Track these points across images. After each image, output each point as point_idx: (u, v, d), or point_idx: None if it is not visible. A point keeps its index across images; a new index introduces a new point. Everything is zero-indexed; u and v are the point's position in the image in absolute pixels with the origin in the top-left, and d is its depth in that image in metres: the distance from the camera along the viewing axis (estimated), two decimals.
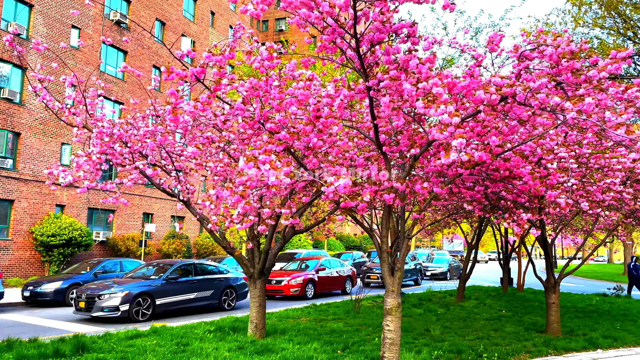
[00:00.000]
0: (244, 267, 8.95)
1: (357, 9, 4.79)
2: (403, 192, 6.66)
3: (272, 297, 17.37)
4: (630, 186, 8.95)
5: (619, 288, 19.75)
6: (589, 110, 4.41)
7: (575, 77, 4.69)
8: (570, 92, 5.13)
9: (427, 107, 4.91)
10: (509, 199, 7.45)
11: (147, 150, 7.37)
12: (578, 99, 4.56)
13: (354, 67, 5.77)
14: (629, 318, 13.07)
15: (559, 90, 5.21)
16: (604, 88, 4.57)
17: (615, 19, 17.52)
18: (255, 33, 46.32)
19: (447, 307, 14.01)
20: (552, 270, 10.26)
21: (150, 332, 9.07)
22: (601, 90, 4.55)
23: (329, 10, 4.52)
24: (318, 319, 11.41)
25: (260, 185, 6.87)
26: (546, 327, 10.26)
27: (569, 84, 4.90)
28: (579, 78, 4.69)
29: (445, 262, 30.00)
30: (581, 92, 4.60)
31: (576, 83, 4.74)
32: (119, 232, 25.45)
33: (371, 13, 4.99)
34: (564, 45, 4.74)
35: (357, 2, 4.70)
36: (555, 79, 4.82)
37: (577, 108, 4.44)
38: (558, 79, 4.86)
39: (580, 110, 4.43)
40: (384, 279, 6.72)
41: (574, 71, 4.72)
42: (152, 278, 12.68)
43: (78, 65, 23.61)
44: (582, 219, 14.67)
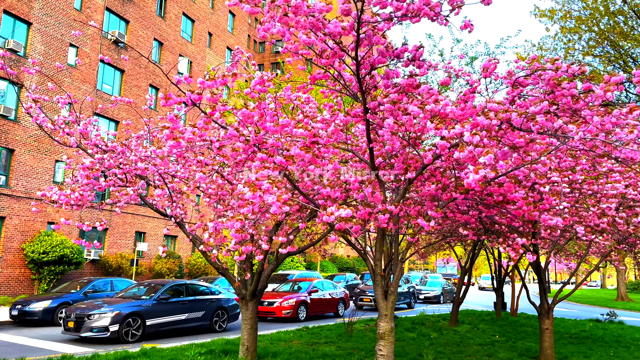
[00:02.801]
0: (236, 288, 8.87)
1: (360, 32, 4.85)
2: (397, 216, 6.67)
3: (263, 318, 17.17)
4: (623, 211, 9.01)
5: (612, 314, 19.70)
6: (594, 131, 4.48)
7: (575, 102, 4.76)
8: (566, 117, 5.20)
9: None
10: (503, 223, 7.48)
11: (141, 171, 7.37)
12: (581, 121, 4.63)
13: (350, 92, 5.83)
14: (622, 344, 13.02)
15: (551, 115, 5.27)
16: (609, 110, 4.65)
17: (604, 47, 17.85)
18: (253, 55, 46.79)
19: (440, 331, 13.90)
20: (545, 295, 10.23)
21: (139, 353, 8.92)
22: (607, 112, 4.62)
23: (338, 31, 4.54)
24: (310, 342, 11.28)
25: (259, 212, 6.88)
26: (540, 354, 10.18)
27: (565, 110, 4.97)
28: (577, 103, 4.75)
29: (438, 285, 29.86)
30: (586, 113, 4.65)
31: (575, 109, 4.81)
32: (110, 251, 25.21)
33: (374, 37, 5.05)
34: (565, 68, 4.81)
35: (360, 25, 4.76)
36: (556, 103, 4.89)
37: (582, 129, 4.50)
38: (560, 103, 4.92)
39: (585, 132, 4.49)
40: (377, 302, 6.68)
41: (573, 96, 4.80)
42: (142, 298, 12.53)
43: (75, 84, 23.68)
44: (575, 243, 14.70)
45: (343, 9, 4.53)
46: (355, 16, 4.61)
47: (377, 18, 4.70)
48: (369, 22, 4.70)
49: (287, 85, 7.80)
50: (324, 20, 4.52)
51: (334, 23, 4.50)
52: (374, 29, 4.71)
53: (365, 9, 4.68)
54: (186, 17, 32.70)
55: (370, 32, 4.73)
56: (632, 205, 9.04)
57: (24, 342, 11.30)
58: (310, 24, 4.50)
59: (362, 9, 4.56)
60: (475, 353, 10.62)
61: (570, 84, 4.80)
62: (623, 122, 4.68)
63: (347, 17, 4.73)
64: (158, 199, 8.43)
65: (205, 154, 8.01)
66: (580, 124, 4.59)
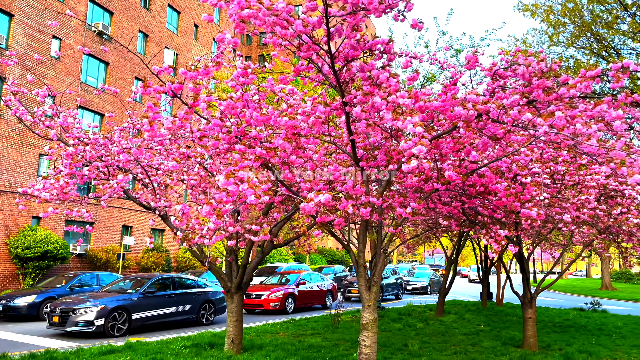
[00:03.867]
0: (221, 281, 8.87)
1: (329, 25, 4.86)
2: (380, 207, 6.70)
3: (251, 311, 17.21)
4: (604, 202, 9.13)
5: (596, 303, 20.00)
6: (560, 124, 4.53)
7: (547, 95, 4.82)
8: (542, 110, 5.26)
9: (395, 119, 4.98)
10: (485, 214, 7.55)
11: (123, 163, 7.31)
12: (549, 114, 4.68)
13: (331, 84, 5.83)
14: (605, 333, 13.23)
15: (531, 108, 5.33)
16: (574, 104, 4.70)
17: (589, 38, 17.97)
18: (239, 47, 46.49)
19: (426, 321, 14.03)
20: (528, 285, 10.37)
21: (124, 347, 8.90)
22: (571, 106, 4.67)
23: (302, 29, 4.58)
24: (297, 334, 11.33)
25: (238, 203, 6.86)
26: (523, 342, 10.33)
27: (541, 102, 5.02)
28: (550, 96, 4.81)
29: (426, 276, 30.10)
30: (552, 108, 4.72)
31: (548, 101, 4.86)
32: (97, 245, 25.03)
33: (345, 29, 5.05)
34: (535, 64, 4.86)
35: (329, 19, 4.76)
36: (527, 96, 4.94)
37: (548, 123, 4.56)
38: (530, 96, 4.97)
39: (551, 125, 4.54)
40: (361, 293, 6.73)
41: (545, 89, 4.85)
42: (128, 292, 12.48)
43: (58, 76, 23.37)
44: (559, 233, 14.89)
45: (308, 7, 4.55)
46: (323, 11, 4.62)
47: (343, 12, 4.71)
48: (335, 16, 4.71)
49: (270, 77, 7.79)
50: (289, 18, 4.52)
51: (298, 23, 4.51)
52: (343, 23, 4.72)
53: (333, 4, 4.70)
54: (172, 9, 32.35)
55: (340, 26, 4.74)
56: (613, 196, 9.17)
57: (8, 337, 11.21)
58: (274, 23, 4.50)
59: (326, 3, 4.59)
60: (459, 342, 10.74)
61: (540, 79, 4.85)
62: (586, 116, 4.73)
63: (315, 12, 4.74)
64: (142, 193, 8.39)
65: (190, 146, 7.97)
66: (548, 117, 4.65)
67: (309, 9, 4.59)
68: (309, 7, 4.56)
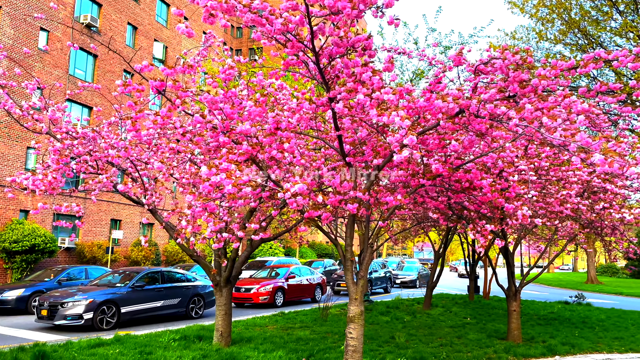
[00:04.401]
0: (210, 275, 8.94)
1: (312, 24, 4.93)
2: (367, 202, 6.80)
3: (241, 305, 17.30)
4: (588, 197, 9.31)
5: (580, 296, 20.34)
6: (529, 117, 4.66)
7: (522, 88, 4.94)
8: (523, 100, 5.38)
9: (380, 115, 5.07)
10: (471, 209, 7.68)
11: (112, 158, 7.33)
12: (520, 107, 4.81)
13: (317, 80, 5.90)
14: (588, 325, 13.50)
15: (511, 102, 5.45)
16: (544, 97, 4.82)
17: (576, 35, 18.18)
18: (230, 40, 46.28)
19: (413, 314, 14.21)
20: (513, 278, 10.55)
21: (113, 340, 8.95)
22: (541, 99, 4.79)
23: (281, 28, 4.64)
24: (285, 327, 11.44)
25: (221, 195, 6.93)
26: (507, 334, 10.53)
27: (518, 96, 5.14)
28: (525, 89, 4.93)
29: (415, 270, 30.36)
30: (523, 101, 4.85)
31: (524, 94, 4.98)
32: (85, 239, 24.94)
33: (327, 28, 5.12)
34: (510, 57, 4.98)
35: (311, 18, 4.84)
36: (504, 90, 5.06)
37: (520, 116, 4.68)
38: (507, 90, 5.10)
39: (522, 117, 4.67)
40: (348, 287, 6.83)
41: (521, 82, 4.97)
42: (117, 286, 12.50)
43: (46, 69, 23.16)
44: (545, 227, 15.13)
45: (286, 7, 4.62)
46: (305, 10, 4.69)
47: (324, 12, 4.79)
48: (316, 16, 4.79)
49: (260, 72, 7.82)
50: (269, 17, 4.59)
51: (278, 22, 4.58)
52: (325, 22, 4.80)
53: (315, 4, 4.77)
54: (161, 1, 32.13)
55: (323, 25, 4.81)
56: (596, 192, 9.35)
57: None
58: (252, 21, 4.56)
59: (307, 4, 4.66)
60: (446, 335, 10.92)
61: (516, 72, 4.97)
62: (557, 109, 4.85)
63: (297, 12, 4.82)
64: (131, 186, 8.41)
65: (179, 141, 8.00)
66: (520, 110, 4.78)
67: (288, 8, 4.65)
68: (288, 6, 4.63)
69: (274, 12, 4.63)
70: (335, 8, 4.65)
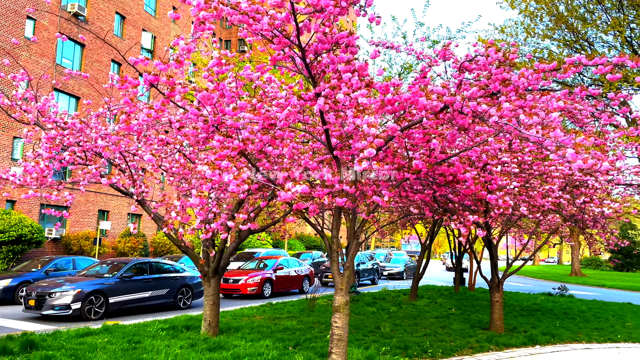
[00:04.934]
0: (198, 265, 9.03)
1: (298, 20, 5.03)
2: (353, 195, 6.92)
3: (229, 296, 17.42)
4: (570, 192, 9.54)
5: (563, 288, 20.73)
6: (509, 115, 4.81)
7: (505, 87, 5.08)
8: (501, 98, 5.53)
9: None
10: (455, 201, 7.85)
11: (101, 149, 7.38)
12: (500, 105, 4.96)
13: (304, 75, 6.00)
14: (569, 316, 13.81)
15: (494, 99, 5.59)
16: (524, 95, 4.97)
17: (564, 31, 18.40)
18: (219, 30, 45.99)
19: (399, 305, 14.43)
20: (496, 270, 10.78)
21: (101, 330, 9.03)
22: (519, 97, 4.94)
23: (268, 27, 4.74)
24: (273, 317, 11.58)
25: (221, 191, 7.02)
26: (490, 325, 10.77)
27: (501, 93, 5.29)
28: (507, 87, 5.07)
29: (402, 262, 30.69)
30: (502, 99, 4.99)
31: (506, 92, 5.13)
32: (72, 230, 24.84)
33: (313, 24, 5.22)
34: (493, 54, 5.12)
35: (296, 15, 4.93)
36: (485, 88, 5.20)
37: (499, 114, 4.83)
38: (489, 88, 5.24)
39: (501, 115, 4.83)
40: (334, 277, 6.97)
41: (503, 81, 5.11)
42: (105, 276, 12.55)
43: (33, 57, 22.93)
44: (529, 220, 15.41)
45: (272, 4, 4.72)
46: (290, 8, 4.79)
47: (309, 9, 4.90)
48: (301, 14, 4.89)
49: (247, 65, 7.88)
50: (255, 16, 4.68)
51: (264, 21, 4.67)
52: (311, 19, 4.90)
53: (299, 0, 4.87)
54: None
55: (308, 22, 4.92)
56: (578, 186, 9.58)
57: None
58: (240, 21, 4.65)
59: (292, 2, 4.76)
60: (430, 325, 11.14)
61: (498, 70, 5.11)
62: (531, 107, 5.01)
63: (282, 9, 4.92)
64: (119, 178, 8.46)
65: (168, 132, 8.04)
66: (499, 108, 4.93)
67: (274, 6, 4.75)
68: (273, 4, 4.72)
69: (260, 10, 4.72)
70: (319, 6, 4.75)
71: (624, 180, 9.92)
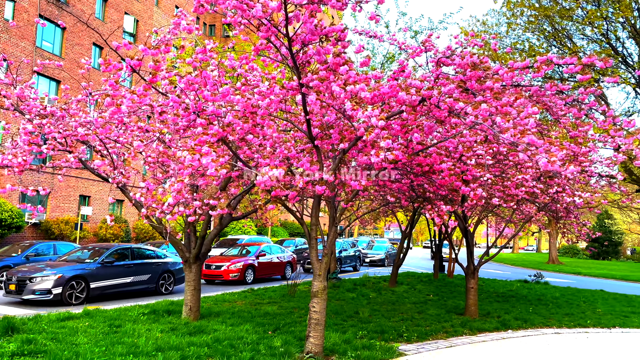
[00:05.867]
0: (179, 251, 9.14)
1: (287, 10, 5.11)
2: (332, 183, 7.08)
3: (212, 282, 17.56)
4: (545, 182, 9.81)
5: (539, 275, 21.26)
6: (485, 115, 4.98)
7: (480, 85, 5.25)
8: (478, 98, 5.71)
9: (355, 110, 5.31)
10: (431, 191, 8.06)
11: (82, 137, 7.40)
12: (477, 105, 5.13)
13: (288, 65, 6.10)
14: (543, 302, 14.25)
15: (469, 95, 5.76)
16: (499, 96, 5.14)
17: (542, 25, 18.62)
18: (204, 14, 45.42)
19: (379, 291, 14.72)
20: (472, 258, 11.07)
21: (82, 314, 9.12)
22: (496, 98, 5.12)
23: (262, 14, 4.82)
24: (254, 303, 11.76)
25: (196, 176, 7.11)
26: (465, 310, 11.10)
27: (476, 91, 5.46)
28: (482, 85, 5.24)
29: (384, 249, 31.09)
30: (479, 99, 5.16)
31: (480, 90, 5.30)
32: (53, 215, 24.65)
33: (302, 15, 5.31)
34: (469, 58, 5.28)
35: (287, 4, 5.02)
36: (462, 86, 5.36)
37: (475, 113, 5.00)
38: (466, 86, 5.40)
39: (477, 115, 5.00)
40: (312, 263, 7.15)
41: (478, 79, 5.28)
42: (86, 261, 12.58)
43: (12, 40, 22.51)
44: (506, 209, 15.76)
45: None
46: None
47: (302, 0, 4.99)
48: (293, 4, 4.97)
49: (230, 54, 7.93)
50: (249, 2, 4.75)
51: (258, 7, 4.76)
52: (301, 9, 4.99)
53: None
54: None
55: (298, 12, 5.00)
56: (552, 176, 9.86)
57: None
58: (234, 7, 4.73)
59: None
60: (407, 310, 11.43)
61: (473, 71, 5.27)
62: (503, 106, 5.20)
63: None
64: (101, 164, 8.49)
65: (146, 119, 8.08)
66: (477, 107, 5.09)
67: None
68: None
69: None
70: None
71: (596, 171, 10.23)
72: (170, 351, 6.57)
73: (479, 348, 8.25)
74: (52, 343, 6.85)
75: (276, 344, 7.30)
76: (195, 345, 6.96)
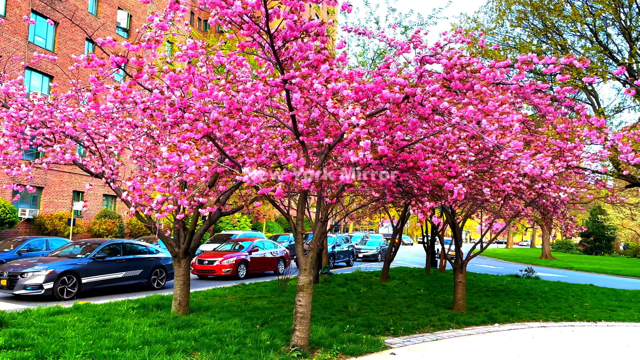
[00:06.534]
0: (169, 247, 9.22)
1: (267, 7, 5.18)
2: (318, 179, 7.16)
3: (204, 277, 17.64)
4: (531, 177, 9.92)
5: (530, 270, 21.44)
6: (470, 116, 5.07)
7: (463, 84, 5.33)
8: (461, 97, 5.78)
9: (336, 107, 5.39)
10: (415, 187, 8.16)
11: (69, 131, 7.45)
12: (463, 105, 5.20)
13: (272, 62, 6.17)
14: (531, 297, 14.40)
15: (452, 93, 5.84)
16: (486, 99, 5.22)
17: (530, 21, 18.71)
18: (198, 10, 45.30)
19: (370, 286, 14.85)
20: (459, 252, 11.20)
21: (72, 309, 9.19)
22: (482, 101, 5.19)
23: (241, 10, 4.88)
24: (244, 297, 11.86)
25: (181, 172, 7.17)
26: (453, 304, 11.23)
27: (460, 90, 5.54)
28: (465, 85, 5.32)
29: (377, 244, 31.23)
30: (465, 101, 5.24)
31: (464, 89, 5.38)
32: (46, 210, 24.65)
33: (282, 11, 5.38)
34: (455, 59, 5.35)
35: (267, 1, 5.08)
36: (447, 85, 5.44)
37: (460, 114, 5.08)
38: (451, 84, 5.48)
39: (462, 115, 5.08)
40: (298, 258, 7.24)
41: (462, 79, 5.36)
42: (78, 257, 12.64)
43: (5, 35, 22.44)
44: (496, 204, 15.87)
45: None
46: None
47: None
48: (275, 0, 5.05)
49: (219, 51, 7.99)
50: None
51: (237, 4, 4.81)
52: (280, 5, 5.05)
53: None
54: None
55: (278, 8, 5.07)
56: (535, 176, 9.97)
57: None
58: (212, 4, 4.79)
59: None
60: (396, 305, 11.55)
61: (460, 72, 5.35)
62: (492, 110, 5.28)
63: None
64: (88, 160, 8.54)
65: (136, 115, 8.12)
66: (462, 108, 5.17)
67: None
68: None
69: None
70: None
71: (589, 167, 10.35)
72: (156, 344, 6.66)
73: (464, 341, 8.38)
74: (40, 337, 6.92)
75: (263, 337, 7.40)
76: (182, 339, 7.04)
